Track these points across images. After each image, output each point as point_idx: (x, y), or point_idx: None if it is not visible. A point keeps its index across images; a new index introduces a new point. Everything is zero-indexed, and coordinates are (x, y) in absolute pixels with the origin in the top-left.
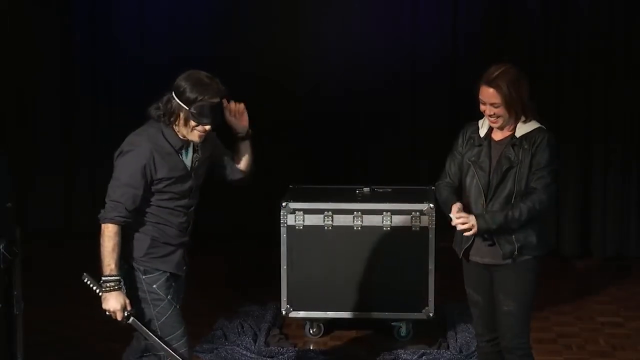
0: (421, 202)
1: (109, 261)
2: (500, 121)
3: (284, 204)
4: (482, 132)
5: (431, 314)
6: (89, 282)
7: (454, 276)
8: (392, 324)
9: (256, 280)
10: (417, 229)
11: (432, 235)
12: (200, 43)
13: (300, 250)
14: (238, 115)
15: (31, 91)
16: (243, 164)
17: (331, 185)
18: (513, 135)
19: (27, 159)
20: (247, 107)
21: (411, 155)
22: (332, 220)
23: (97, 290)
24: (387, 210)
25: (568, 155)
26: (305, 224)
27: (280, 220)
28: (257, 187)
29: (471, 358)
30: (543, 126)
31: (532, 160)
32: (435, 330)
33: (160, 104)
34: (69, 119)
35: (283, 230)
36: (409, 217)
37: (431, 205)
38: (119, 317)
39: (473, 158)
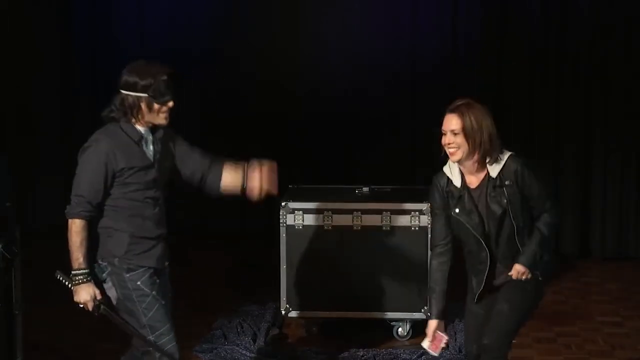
0: (420, 201)
1: (77, 255)
2: (458, 153)
3: (283, 203)
4: (457, 182)
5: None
6: (61, 278)
7: (453, 276)
8: (392, 323)
9: (256, 279)
10: (417, 228)
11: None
12: (200, 43)
13: (300, 250)
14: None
15: (31, 91)
16: (226, 186)
17: (331, 185)
18: (489, 177)
19: (28, 159)
20: (247, 107)
21: (411, 155)
22: (332, 220)
23: (69, 285)
24: (386, 210)
25: (568, 155)
26: (304, 223)
27: (279, 220)
28: None
29: None
30: (509, 151)
31: (523, 193)
32: None
33: (113, 107)
34: (69, 119)
35: (282, 230)
36: (409, 216)
37: (430, 204)
38: (90, 308)
39: (458, 211)
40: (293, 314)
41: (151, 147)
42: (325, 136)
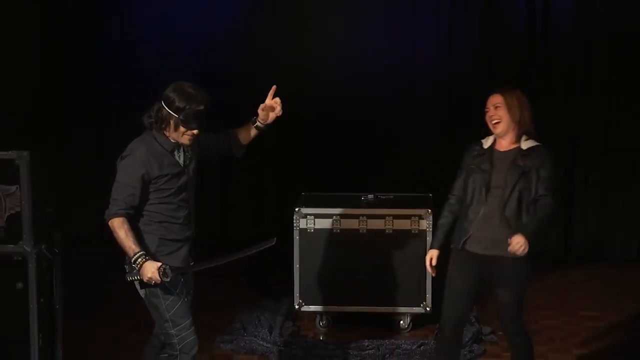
0: (420, 207)
1: (129, 244)
2: (501, 125)
3: (296, 209)
4: (486, 145)
5: (428, 309)
6: (131, 279)
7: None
8: (394, 317)
9: (272, 278)
10: (416, 231)
11: (429, 238)
12: (219, 61)
13: (311, 251)
14: (273, 111)
15: (69, 110)
16: (246, 141)
17: (339, 192)
18: (520, 147)
19: (66, 173)
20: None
21: (412, 165)
22: (340, 224)
23: (137, 277)
24: (389, 215)
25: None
26: (315, 227)
27: (293, 224)
28: (272, 193)
29: (464, 347)
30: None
31: (539, 173)
32: (432, 323)
33: (151, 113)
34: (101, 139)
35: (296, 233)
36: (409, 221)
37: (429, 210)
38: (159, 277)
39: (475, 163)
40: (305, 308)
41: (182, 155)
42: (331, 146)
